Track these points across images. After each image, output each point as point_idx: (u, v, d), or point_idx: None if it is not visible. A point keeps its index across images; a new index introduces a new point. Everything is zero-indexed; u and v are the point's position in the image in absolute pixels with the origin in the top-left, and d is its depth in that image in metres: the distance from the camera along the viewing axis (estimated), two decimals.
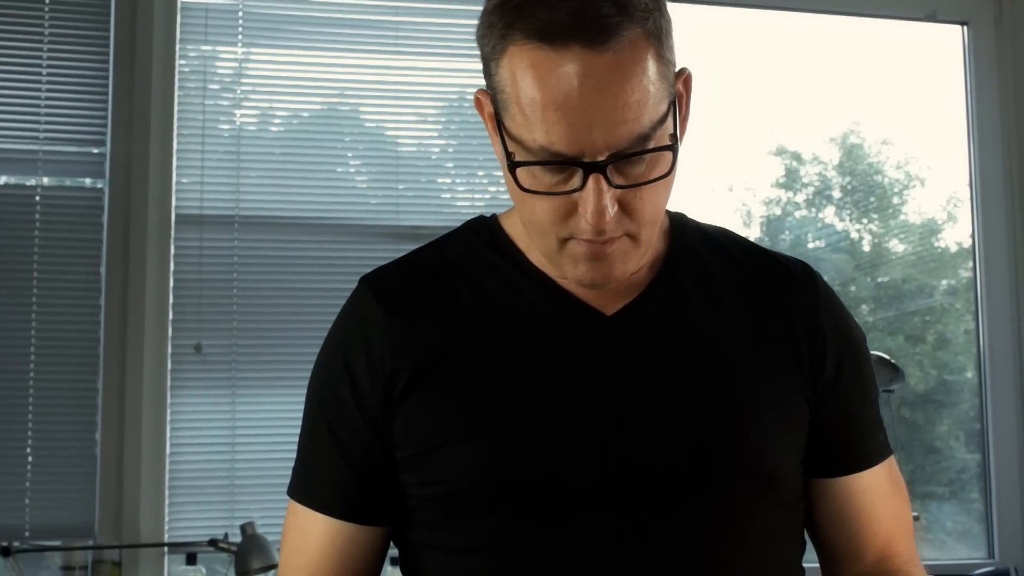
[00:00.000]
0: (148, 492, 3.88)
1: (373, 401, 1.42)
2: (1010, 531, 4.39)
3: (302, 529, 1.47)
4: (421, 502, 1.42)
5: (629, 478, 1.36)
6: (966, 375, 4.58)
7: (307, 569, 1.46)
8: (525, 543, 1.36)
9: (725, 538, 1.38)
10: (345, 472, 1.45)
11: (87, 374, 3.90)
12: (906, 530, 1.55)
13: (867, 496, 1.51)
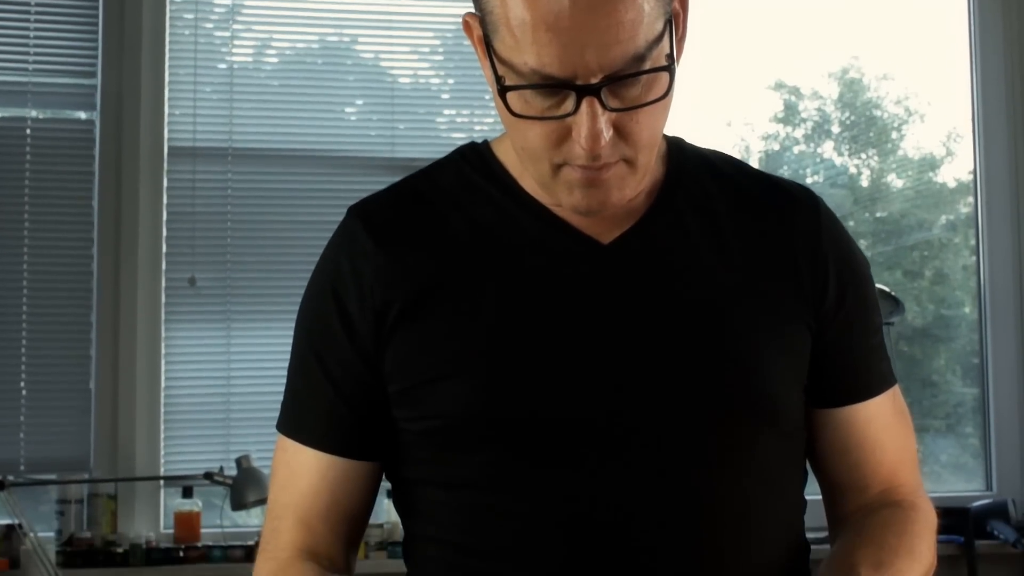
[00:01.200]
0: (143, 426, 3.88)
1: (364, 333, 1.40)
2: (1008, 463, 4.40)
3: (292, 465, 1.45)
4: (414, 437, 1.40)
5: (625, 411, 1.35)
6: (964, 310, 4.58)
7: (298, 506, 1.44)
8: (520, 478, 1.35)
9: (725, 471, 1.36)
10: (337, 406, 1.42)
11: (81, 308, 3.89)
12: (911, 461, 1.53)
13: (871, 427, 1.48)
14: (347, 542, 1.46)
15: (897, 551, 1.39)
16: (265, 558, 1.44)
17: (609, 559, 1.32)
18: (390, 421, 1.41)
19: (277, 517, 1.45)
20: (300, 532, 1.43)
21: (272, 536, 1.45)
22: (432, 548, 1.41)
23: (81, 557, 3.69)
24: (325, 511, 1.43)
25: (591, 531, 1.33)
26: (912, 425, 1.54)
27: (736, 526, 1.36)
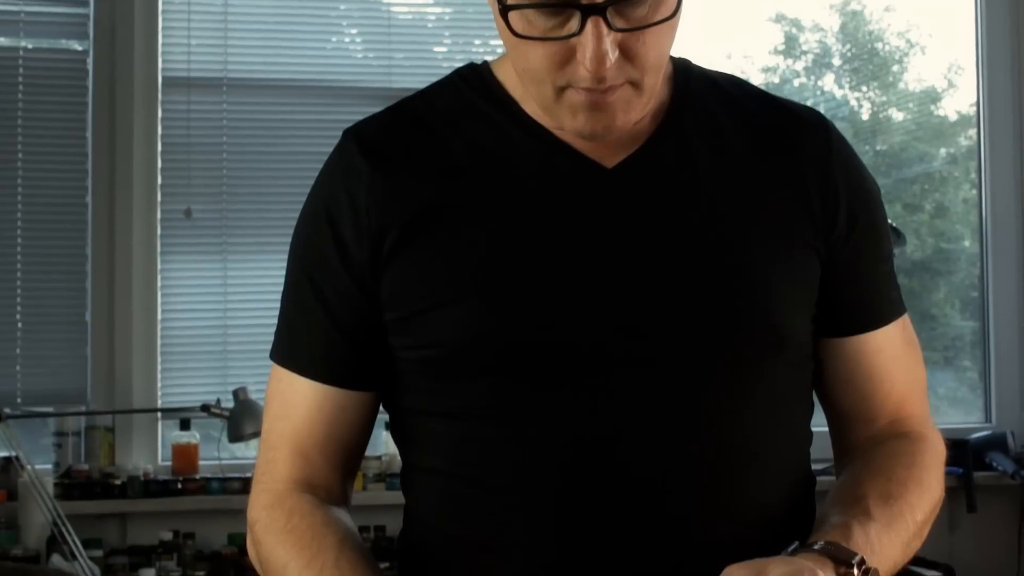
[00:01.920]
0: (140, 358, 3.87)
1: (360, 259, 1.37)
2: (1007, 396, 4.42)
3: (287, 396, 1.42)
4: (412, 366, 1.37)
5: (629, 338, 1.32)
6: (963, 244, 4.57)
7: (293, 437, 1.41)
8: (520, 406, 1.32)
9: (731, 401, 1.34)
10: (333, 334, 1.39)
11: (75, 240, 3.88)
12: (920, 391, 1.50)
13: (879, 357, 1.46)
14: (344, 473, 1.44)
15: (906, 483, 1.37)
16: (260, 490, 1.42)
17: (610, 486, 1.31)
18: (387, 350, 1.39)
19: (272, 448, 1.43)
20: (296, 463, 1.41)
21: (267, 467, 1.43)
22: (431, 478, 1.39)
23: (79, 489, 3.69)
24: (322, 442, 1.41)
25: (592, 458, 1.31)
26: (921, 356, 1.51)
27: (740, 455, 1.34)
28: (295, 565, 1.33)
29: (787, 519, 1.38)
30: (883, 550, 1.30)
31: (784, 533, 1.36)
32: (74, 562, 3.34)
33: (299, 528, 1.35)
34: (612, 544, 1.31)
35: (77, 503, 3.64)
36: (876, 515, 1.32)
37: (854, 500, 1.33)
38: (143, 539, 3.72)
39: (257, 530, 1.40)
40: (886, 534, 1.31)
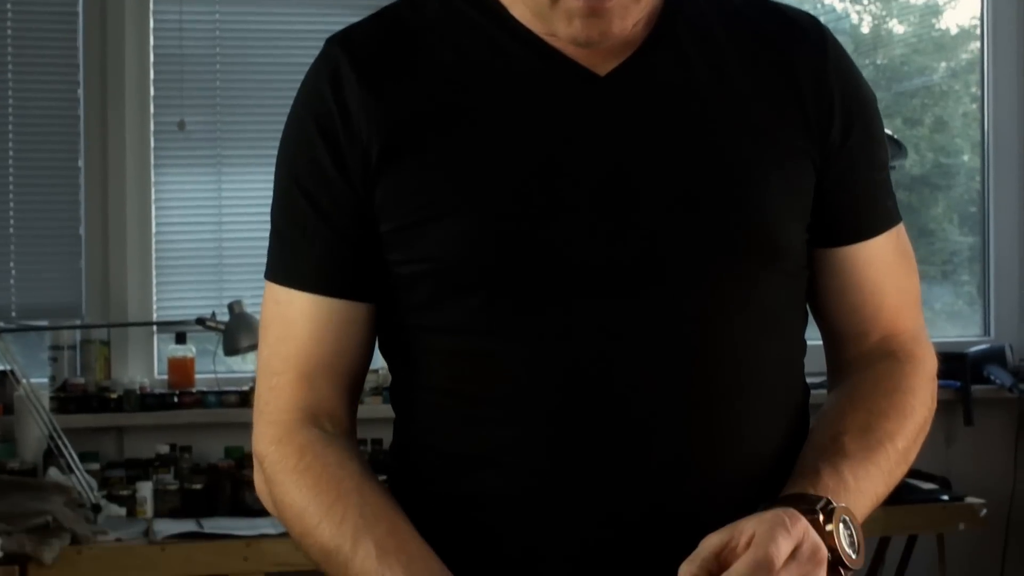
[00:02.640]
0: (135, 271, 3.86)
1: (354, 166, 1.33)
2: (1007, 309, 4.42)
3: (288, 317, 1.37)
4: (406, 281, 1.34)
5: (623, 248, 1.30)
6: (963, 158, 4.55)
7: (299, 358, 1.36)
8: (516, 323, 1.30)
9: (726, 312, 1.32)
10: (333, 243, 1.35)
11: (68, 154, 3.85)
12: (913, 303, 1.48)
13: (872, 268, 1.44)
14: (349, 399, 1.40)
15: (887, 413, 1.37)
16: (266, 422, 1.37)
17: (605, 399, 1.29)
18: (384, 261, 1.36)
19: (276, 373, 1.38)
20: (301, 389, 1.36)
21: (270, 395, 1.38)
22: (422, 394, 1.37)
23: (75, 403, 3.69)
24: (328, 363, 1.37)
25: (587, 373, 1.29)
26: (915, 267, 1.49)
27: (735, 365, 1.33)
28: (315, 511, 1.30)
29: (782, 430, 1.37)
30: (859, 484, 1.30)
31: (779, 445, 1.36)
32: (71, 475, 3.35)
33: (313, 469, 1.32)
34: (604, 464, 1.29)
35: (73, 416, 3.64)
36: (851, 451, 1.32)
37: (832, 438, 1.33)
38: (140, 452, 3.72)
39: (267, 467, 1.36)
40: (862, 467, 1.31)
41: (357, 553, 1.26)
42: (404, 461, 1.41)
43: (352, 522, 1.27)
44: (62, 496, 3.26)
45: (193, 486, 3.58)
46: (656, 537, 1.29)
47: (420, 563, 1.25)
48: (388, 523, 1.28)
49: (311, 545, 1.31)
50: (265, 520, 3.26)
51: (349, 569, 1.27)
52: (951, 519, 3.67)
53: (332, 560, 1.28)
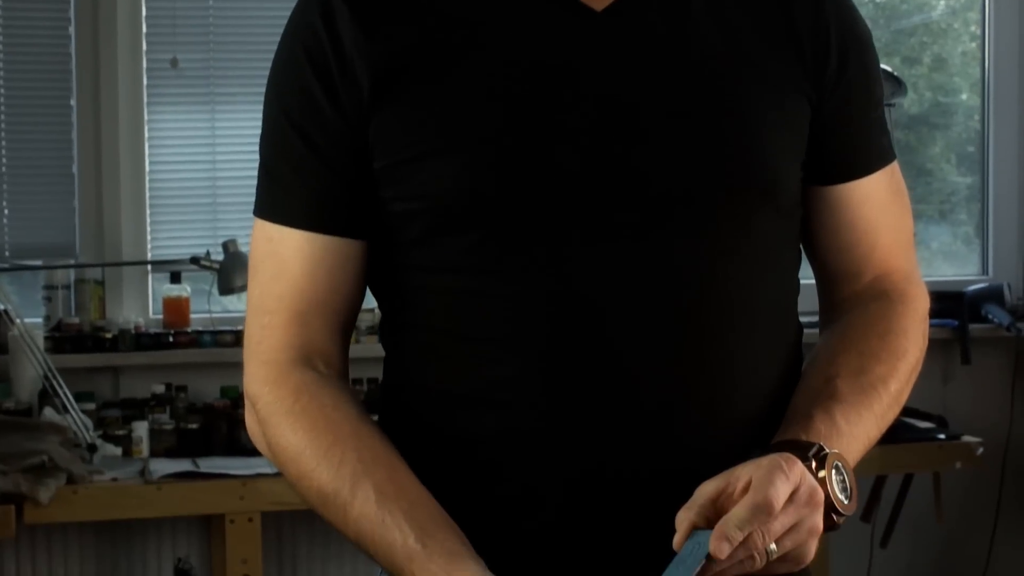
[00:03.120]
0: (128, 211, 3.83)
1: (347, 100, 1.31)
2: (1005, 249, 4.40)
3: (280, 254, 1.34)
4: (399, 219, 1.32)
5: (618, 187, 1.28)
6: (961, 97, 4.53)
7: (292, 296, 1.34)
8: (510, 261, 1.29)
9: (721, 251, 1.31)
10: (326, 178, 1.32)
11: (59, 92, 3.81)
12: (906, 243, 1.48)
13: (866, 206, 1.43)
14: (341, 339, 1.38)
15: (879, 355, 1.36)
16: (258, 362, 1.35)
17: (598, 340, 1.28)
18: (377, 197, 1.34)
19: (268, 312, 1.35)
20: (294, 328, 1.34)
21: (262, 335, 1.36)
22: (413, 332, 1.36)
23: (70, 342, 3.68)
24: (321, 301, 1.34)
25: (581, 314, 1.28)
26: (909, 206, 1.49)
27: (729, 305, 1.32)
28: (311, 455, 1.28)
29: (776, 369, 1.37)
30: (852, 429, 1.30)
31: (773, 384, 1.35)
32: (66, 415, 3.34)
33: (309, 411, 1.30)
34: (597, 405, 1.28)
35: (68, 356, 3.63)
36: (844, 395, 1.31)
37: (824, 381, 1.33)
38: (136, 392, 3.72)
39: (261, 409, 1.34)
40: (854, 411, 1.31)
41: (356, 497, 1.25)
42: (396, 400, 1.40)
43: (350, 466, 1.26)
44: (58, 436, 3.26)
45: (189, 426, 3.57)
46: (651, 477, 1.29)
47: (420, 508, 1.24)
48: (387, 467, 1.27)
49: (307, 488, 1.29)
50: (261, 459, 3.23)
51: (348, 513, 1.26)
52: (947, 458, 3.67)
53: (330, 504, 1.27)
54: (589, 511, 1.29)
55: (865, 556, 3.96)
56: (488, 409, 1.30)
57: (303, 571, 3.85)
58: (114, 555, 3.73)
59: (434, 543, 1.21)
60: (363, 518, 1.24)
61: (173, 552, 3.69)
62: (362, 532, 1.25)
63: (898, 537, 3.92)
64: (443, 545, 1.21)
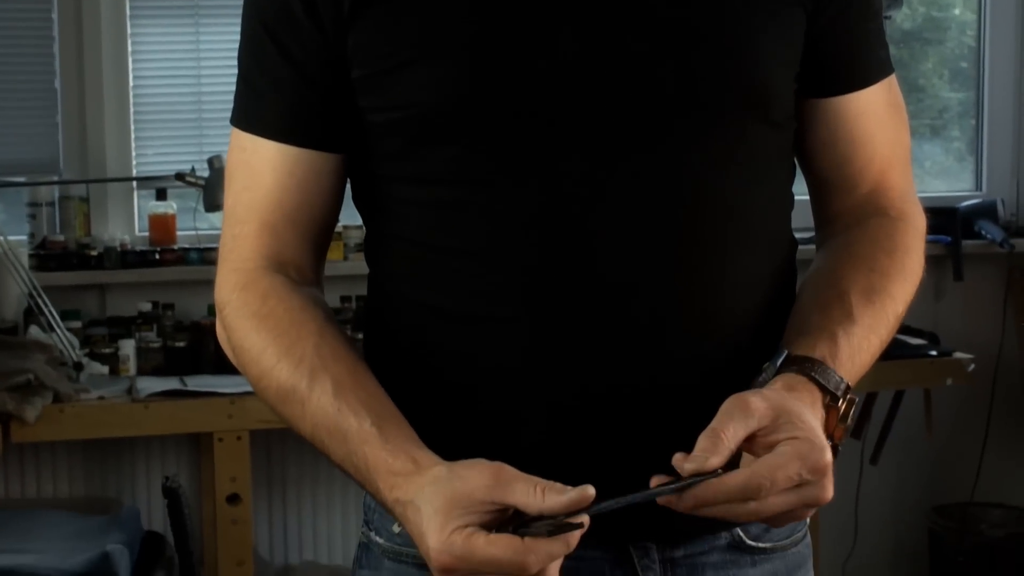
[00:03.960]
0: (112, 126, 3.79)
1: (325, 9, 1.28)
2: (999, 164, 4.38)
3: (253, 164, 1.33)
4: (380, 130, 1.30)
5: (609, 97, 1.25)
6: (954, 12, 4.48)
7: (263, 207, 1.33)
8: (491, 172, 1.26)
9: (715, 163, 1.28)
10: (301, 90, 1.31)
11: (40, 3, 3.74)
12: (902, 161, 1.44)
13: (863, 119, 1.39)
14: (315, 249, 1.37)
15: (888, 273, 1.34)
16: (229, 269, 1.34)
17: (586, 253, 1.25)
18: (356, 109, 1.31)
19: (240, 222, 1.34)
20: (265, 238, 1.33)
21: (234, 244, 1.35)
22: (397, 246, 1.34)
23: (55, 260, 3.64)
24: (293, 213, 1.33)
25: (568, 225, 1.25)
26: (907, 121, 1.45)
27: (722, 217, 1.29)
28: (273, 353, 1.27)
29: (769, 283, 1.34)
30: (862, 357, 1.28)
31: (766, 297, 1.33)
32: (52, 334, 3.32)
33: (275, 313, 1.29)
34: (584, 322, 1.25)
35: (53, 274, 3.60)
36: (859, 316, 1.29)
37: (836, 296, 1.30)
38: (122, 310, 3.70)
39: (228, 313, 1.33)
40: (866, 338, 1.29)
41: (314, 391, 1.23)
42: (379, 317, 1.38)
43: (309, 362, 1.25)
44: (43, 354, 3.23)
45: (176, 344, 3.56)
46: (638, 393, 1.26)
47: (377, 400, 1.23)
48: (347, 364, 1.26)
49: (267, 387, 1.28)
50: None
51: (305, 407, 1.24)
52: (939, 374, 3.67)
53: (288, 400, 1.26)
54: (573, 431, 1.27)
55: (855, 473, 3.96)
56: (469, 325, 1.28)
57: (292, 489, 3.85)
58: (103, 474, 3.73)
59: (389, 427, 1.20)
60: (319, 410, 1.23)
61: (162, 471, 3.68)
62: (317, 424, 1.23)
63: (888, 454, 3.93)
64: (399, 431, 1.20)
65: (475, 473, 1.11)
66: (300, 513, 3.87)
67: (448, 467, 1.14)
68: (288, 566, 3.88)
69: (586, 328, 1.25)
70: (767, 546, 1.37)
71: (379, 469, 1.17)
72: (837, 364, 1.24)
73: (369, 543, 1.39)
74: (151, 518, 3.65)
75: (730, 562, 1.35)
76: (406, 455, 1.17)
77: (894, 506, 4.20)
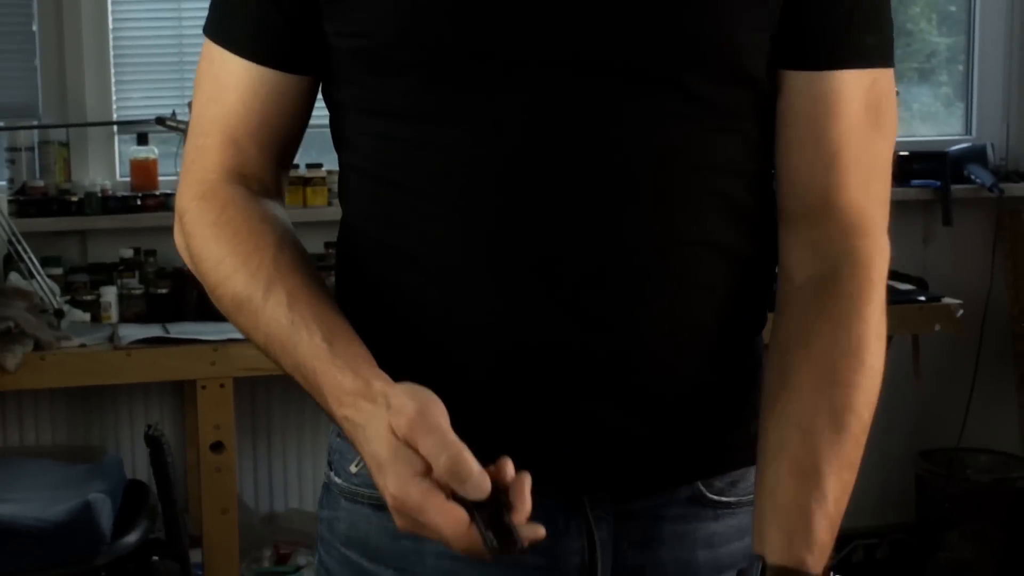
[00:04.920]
0: (92, 69, 3.74)
1: None
2: (989, 108, 4.35)
3: (220, 78, 1.32)
4: (344, 56, 1.28)
5: (574, 43, 1.20)
6: None
7: (226, 122, 1.32)
8: (448, 108, 1.22)
9: (671, 112, 1.22)
10: (269, 11, 1.29)
11: None
12: (870, 177, 1.27)
13: (820, 104, 1.26)
14: (277, 163, 1.35)
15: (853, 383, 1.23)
16: (191, 180, 1.33)
17: (546, 198, 1.21)
18: (322, 34, 1.28)
19: (203, 134, 1.34)
20: (228, 151, 1.32)
21: (197, 155, 1.34)
22: (356, 178, 1.32)
23: (35, 206, 3.60)
24: (255, 129, 1.32)
25: (530, 168, 1.21)
26: (890, 129, 1.30)
27: (674, 167, 1.23)
28: (231, 262, 1.26)
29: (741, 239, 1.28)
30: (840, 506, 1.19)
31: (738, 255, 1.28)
32: (32, 280, 3.28)
33: (234, 222, 1.28)
34: (527, 271, 1.22)
35: (33, 220, 3.56)
36: (831, 493, 1.18)
37: (807, 454, 1.20)
38: (103, 257, 3.66)
39: (187, 221, 1.32)
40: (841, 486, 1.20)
41: (268, 301, 1.23)
42: (345, 252, 1.36)
43: (266, 272, 1.24)
44: (24, 302, 3.20)
45: (158, 290, 3.52)
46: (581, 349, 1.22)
47: (329, 315, 1.21)
48: (303, 277, 1.24)
49: (223, 296, 1.27)
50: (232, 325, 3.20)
51: (259, 317, 1.23)
52: (927, 320, 3.65)
53: (244, 309, 1.25)
54: (516, 383, 1.24)
55: None
56: (417, 264, 1.25)
57: (277, 437, 3.83)
58: (86, 422, 3.71)
59: (340, 343, 1.19)
60: (273, 321, 1.22)
61: (145, 419, 3.66)
62: (270, 335, 1.23)
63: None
64: (348, 346, 1.19)
65: (405, 410, 1.09)
66: (285, 460, 3.86)
67: (388, 396, 1.12)
68: (273, 513, 3.87)
69: (528, 278, 1.22)
70: (731, 500, 1.33)
71: (327, 384, 1.16)
72: (816, 551, 1.16)
73: (330, 483, 1.38)
74: (135, 466, 3.63)
75: (690, 515, 1.32)
76: (354, 373, 1.16)
77: (881, 452, 4.18)
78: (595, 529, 1.29)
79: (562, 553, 1.28)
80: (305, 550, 3.68)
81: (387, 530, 1.29)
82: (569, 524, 1.28)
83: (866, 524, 4.13)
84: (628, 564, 1.30)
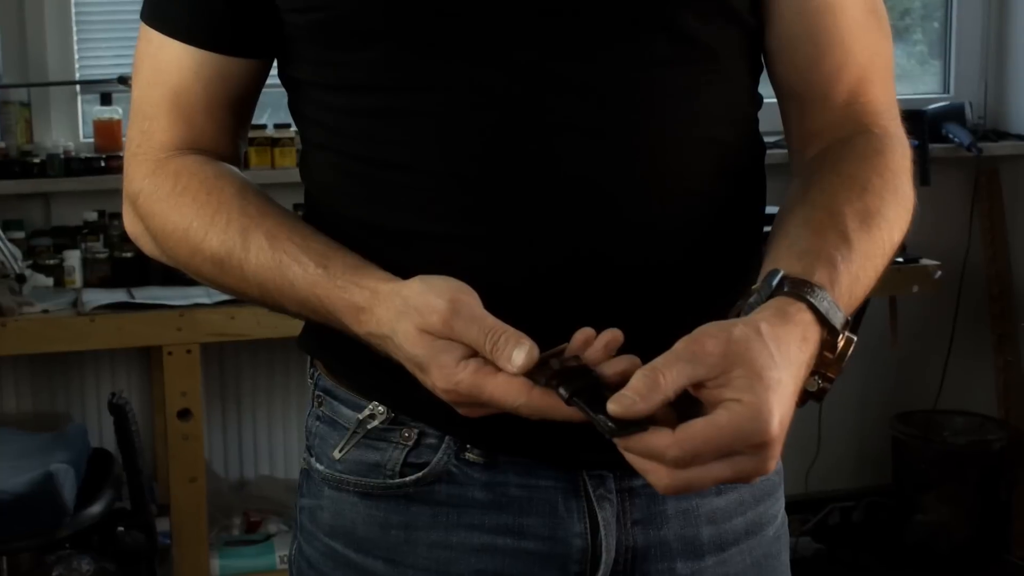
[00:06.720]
0: (54, 28, 3.66)
1: None
2: (967, 67, 4.31)
3: (158, 60, 1.27)
4: (300, 32, 1.22)
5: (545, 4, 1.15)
6: None
7: (172, 102, 1.26)
8: (418, 76, 1.17)
9: (662, 55, 1.18)
10: None
11: None
12: (882, 73, 1.30)
13: (828, 16, 1.26)
14: (233, 133, 1.31)
15: (882, 195, 1.19)
16: (139, 161, 1.28)
17: (526, 160, 1.16)
18: (274, 12, 1.23)
19: (148, 117, 1.28)
20: (178, 128, 1.27)
21: (143, 139, 1.28)
22: (323, 155, 1.26)
23: None
24: (204, 107, 1.27)
25: (503, 131, 1.16)
26: (888, 31, 1.32)
27: (663, 111, 1.18)
28: (198, 225, 1.22)
29: (731, 184, 1.24)
30: (859, 289, 1.13)
31: (727, 197, 1.23)
32: None
33: (191, 187, 1.24)
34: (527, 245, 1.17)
35: None
36: (856, 242, 1.13)
37: (830, 218, 1.15)
38: (67, 220, 3.60)
39: (142, 202, 1.27)
40: (863, 267, 1.14)
41: (249, 251, 1.19)
42: (313, 224, 1.29)
43: (238, 223, 1.20)
44: None
45: (124, 254, 3.46)
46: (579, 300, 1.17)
47: (313, 240, 1.18)
48: (276, 216, 1.21)
49: (202, 262, 1.23)
50: (199, 289, 3.16)
51: (245, 270, 1.20)
52: (905, 281, 3.63)
53: (226, 267, 1.21)
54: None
55: None
56: (403, 241, 1.20)
57: (246, 403, 3.79)
58: (51, 389, 3.65)
59: (334, 263, 1.16)
60: (260, 268, 1.19)
61: (112, 385, 3.61)
62: (263, 283, 1.19)
63: (852, 362, 3.79)
64: (343, 262, 1.16)
65: (436, 307, 1.07)
66: (255, 427, 3.81)
67: (406, 297, 1.09)
68: (243, 480, 3.83)
69: (527, 248, 1.17)
70: None
71: (338, 307, 1.14)
72: (836, 294, 1.09)
73: (310, 470, 1.33)
74: (102, 435, 3.57)
75: None
76: (358, 287, 1.13)
77: (857, 414, 4.18)
78: (598, 509, 1.24)
79: (563, 536, 1.24)
80: (276, 518, 3.64)
81: (376, 519, 1.25)
82: (571, 506, 1.24)
83: (842, 487, 4.13)
84: (632, 544, 1.25)
